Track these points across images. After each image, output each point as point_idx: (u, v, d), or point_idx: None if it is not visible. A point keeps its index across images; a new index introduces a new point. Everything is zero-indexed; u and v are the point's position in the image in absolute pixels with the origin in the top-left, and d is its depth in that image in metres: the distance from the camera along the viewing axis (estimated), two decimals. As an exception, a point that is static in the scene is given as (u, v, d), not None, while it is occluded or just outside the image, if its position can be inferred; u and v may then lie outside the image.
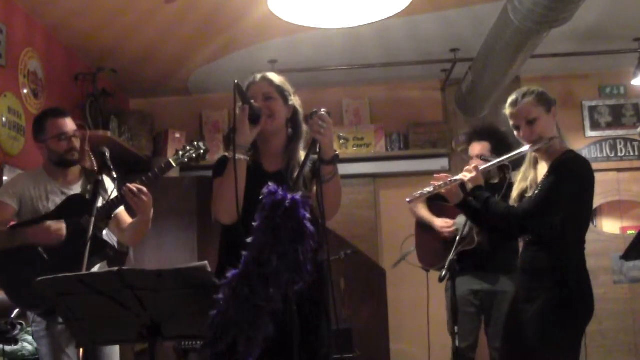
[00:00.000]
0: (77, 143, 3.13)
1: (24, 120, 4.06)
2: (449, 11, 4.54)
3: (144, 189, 2.89)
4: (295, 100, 2.52)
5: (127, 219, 3.14)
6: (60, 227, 2.93)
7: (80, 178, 3.19)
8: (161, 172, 2.95)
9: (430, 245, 4.07)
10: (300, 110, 2.52)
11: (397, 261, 4.52)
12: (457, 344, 3.40)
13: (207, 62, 5.30)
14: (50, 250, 2.92)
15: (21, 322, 3.25)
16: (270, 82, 2.47)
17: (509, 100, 2.83)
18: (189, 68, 5.43)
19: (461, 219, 3.87)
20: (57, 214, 2.99)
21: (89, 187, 3.09)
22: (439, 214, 4.03)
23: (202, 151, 3.03)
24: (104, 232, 3.16)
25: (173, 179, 5.45)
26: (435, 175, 3.02)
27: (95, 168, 3.42)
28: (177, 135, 5.74)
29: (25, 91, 4.12)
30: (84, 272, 2.47)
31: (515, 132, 2.83)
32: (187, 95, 6.11)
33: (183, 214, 5.20)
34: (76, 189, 3.13)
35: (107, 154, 2.97)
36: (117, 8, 4.23)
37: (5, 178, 3.78)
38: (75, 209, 2.98)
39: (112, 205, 2.99)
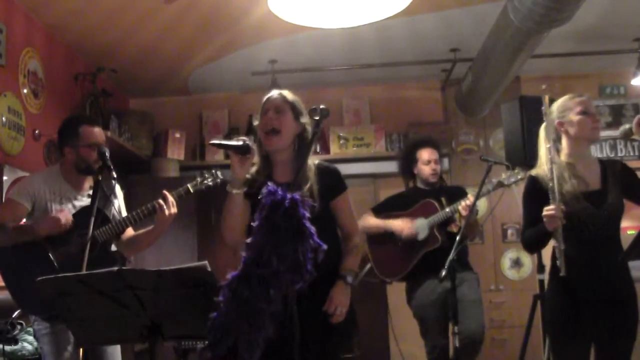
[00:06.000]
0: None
1: (24, 120, 4.06)
2: (449, 11, 4.54)
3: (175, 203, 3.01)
4: (306, 121, 2.59)
5: (129, 231, 3.18)
6: (67, 216, 2.92)
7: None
8: (180, 198, 3.04)
9: (387, 257, 4.05)
10: (309, 130, 2.58)
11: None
12: (456, 344, 3.39)
13: (207, 62, 5.30)
14: (60, 259, 2.93)
15: (21, 322, 3.25)
16: (285, 98, 2.62)
17: (571, 94, 2.97)
18: (189, 68, 5.43)
19: (421, 221, 3.86)
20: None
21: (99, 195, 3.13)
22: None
23: (218, 180, 3.13)
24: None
25: (173, 179, 5.45)
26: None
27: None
28: (177, 135, 5.75)
29: (25, 91, 4.12)
30: (84, 272, 2.47)
31: (584, 121, 2.90)
32: (187, 95, 6.11)
33: (183, 214, 5.15)
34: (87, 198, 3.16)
35: (107, 154, 2.97)
36: (117, 8, 4.23)
37: (5, 178, 3.78)
38: (87, 220, 2.97)
39: (127, 223, 3.05)
